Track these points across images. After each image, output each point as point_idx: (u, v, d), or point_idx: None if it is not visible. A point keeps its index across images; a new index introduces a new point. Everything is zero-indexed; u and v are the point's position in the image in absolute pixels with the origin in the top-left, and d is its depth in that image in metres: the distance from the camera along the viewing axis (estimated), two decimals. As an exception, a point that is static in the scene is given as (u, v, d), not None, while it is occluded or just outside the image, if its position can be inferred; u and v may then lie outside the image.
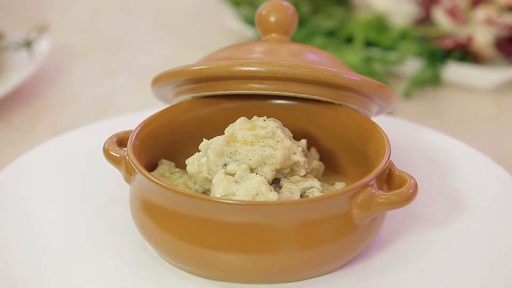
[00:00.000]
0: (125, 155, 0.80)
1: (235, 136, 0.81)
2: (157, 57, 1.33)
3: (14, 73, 1.17)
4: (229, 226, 0.73)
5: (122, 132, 0.84)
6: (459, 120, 1.16)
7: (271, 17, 0.88)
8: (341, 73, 0.81)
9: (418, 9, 1.31)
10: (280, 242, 0.73)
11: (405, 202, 0.75)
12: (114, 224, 0.83)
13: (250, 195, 0.76)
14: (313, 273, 0.76)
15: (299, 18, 1.32)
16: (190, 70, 0.83)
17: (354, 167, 0.86)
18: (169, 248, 0.76)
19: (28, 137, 1.10)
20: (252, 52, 0.85)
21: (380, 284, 0.76)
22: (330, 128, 0.87)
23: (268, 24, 0.89)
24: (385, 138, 0.81)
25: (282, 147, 0.79)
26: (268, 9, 0.89)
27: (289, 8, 0.89)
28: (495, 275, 0.77)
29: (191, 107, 0.87)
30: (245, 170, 0.77)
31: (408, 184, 0.75)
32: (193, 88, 0.85)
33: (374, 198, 0.75)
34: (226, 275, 0.76)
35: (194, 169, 0.80)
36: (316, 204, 0.74)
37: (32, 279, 0.77)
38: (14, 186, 0.88)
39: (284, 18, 0.89)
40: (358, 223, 0.75)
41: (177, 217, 0.75)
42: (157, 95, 0.90)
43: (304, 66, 0.81)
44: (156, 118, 0.85)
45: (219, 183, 0.77)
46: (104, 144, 0.82)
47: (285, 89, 0.82)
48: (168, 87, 0.87)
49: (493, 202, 0.86)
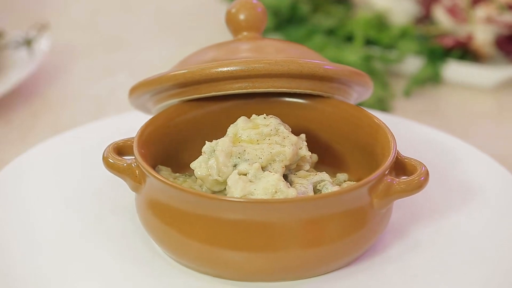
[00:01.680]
0: (132, 164, 0.79)
1: (239, 136, 0.80)
2: (157, 56, 1.33)
3: (14, 72, 1.16)
4: (252, 225, 0.73)
5: (121, 141, 0.83)
6: (459, 119, 1.16)
7: (241, 15, 0.88)
8: (323, 65, 0.82)
9: (418, 7, 1.30)
10: (306, 238, 0.74)
11: (418, 189, 0.77)
12: (116, 222, 0.83)
13: (269, 193, 0.76)
14: (333, 267, 0.77)
15: (299, 16, 1.32)
16: (167, 77, 0.83)
17: (351, 158, 0.87)
18: (181, 249, 0.76)
19: (28, 136, 1.10)
20: (230, 52, 0.85)
21: (398, 271, 0.78)
22: (320, 121, 0.87)
23: (239, 23, 0.89)
24: (384, 126, 0.82)
25: (289, 143, 0.79)
26: (237, 7, 0.89)
27: (259, 6, 0.89)
28: (496, 274, 0.77)
29: (181, 111, 0.86)
30: (258, 169, 0.77)
31: (420, 171, 0.77)
32: (176, 93, 0.84)
33: (392, 186, 0.77)
34: (254, 275, 0.76)
35: (203, 172, 0.79)
36: (342, 197, 0.74)
37: (32, 278, 0.77)
38: (14, 185, 0.88)
39: (254, 15, 0.89)
40: (377, 212, 0.77)
41: (199, 220, 0.74)
42: (135, 104, 0.89)
43: (288, 61, 0.81)
44: (150, 124, 0.84)
45: (235, 184, 0.76)
46: (104, 155, 0.81)
47: (270, 86, 0.82)
48: (146, 96, 0.86)
49: (493, 201, 0.86)
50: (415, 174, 0.77)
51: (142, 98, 0.87)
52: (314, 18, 1.33)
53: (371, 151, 0.84)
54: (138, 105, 0.90)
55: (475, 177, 0.89)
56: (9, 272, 0.77)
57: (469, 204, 0.85)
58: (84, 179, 0.89)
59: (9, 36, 1.25)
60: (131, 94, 0.88)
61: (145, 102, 0.88)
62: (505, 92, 1.21)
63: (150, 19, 1.46)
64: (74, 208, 0.85)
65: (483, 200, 0.86)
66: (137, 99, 0.88)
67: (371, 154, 0.84)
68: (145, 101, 0.88)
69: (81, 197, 0.87)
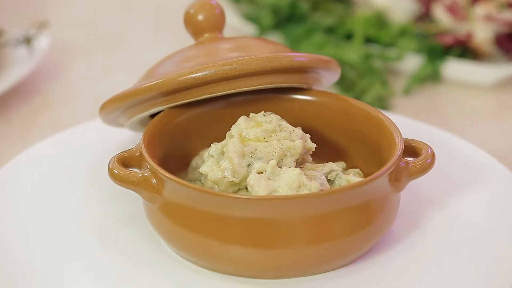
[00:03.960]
0: (146, 174, 0.77)
1: (245, 135, 0.80)
2: (157, 54, 1.33)
3: (14, 70, 1.16)
4: (276, 222, 0.73)
5: (125, 152, 0.81)
6: (459, 117, 1.16)
7: (200, 16, 0.88)
8: (294, 57, 0.82)
9: (418, 5, 1.30)
10: (342, 228, 0.75)
11: (430, 168, 0.80)
12: (117, 220, 0.83)
13: (294, 188, 0.76)
14: (358, 254, 0.78)
15: (299, 14, 1.32)
16: (136, 91, 0.82)
17: (344, 147, 0.88)
18: (214, 254, 0.76)
19: (28, 134, 1.10)
20: (210, 54, 0.84)
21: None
22: (310, 113, 0.88)
23: (199, 25, 0.88)
24: (370, 109, 0.84)
25: (297, 137, 0.80)
26: (196, 8, 0.89)
27: (217, 7, 0.89)
28: (490, 274, 0.77)
29: (174, 115, 0.85)
30: (275, 166, 0.77)
31: (426, 151, 0.80)
32: (162, 101, 0.83)
33: (408, 168, 0.79)
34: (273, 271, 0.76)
35: (217, 175, 0.78)
36: (371, 185, 0.75)
37: (32, 278, 0.77)
38: (14, 183, 0.88)
39: (213, 16, 0.88)
40: (396, 196, 0.79)
41: (237, 223, 0.74)
42: (106, 121, 0.89)
43: (259, 59, 0.81)
44: (151, 133, 0.83)
45: (258, 183, 0.76)
46: (113, 170, 0.78)
47: (249, 84, 0.82)
48: (117, 112, 0.86)
49: (493, 199, 0.86)
50: (423, 153, 0.80)
51: (113, 114, 0.86)
52: (313, 16, 1.33)
53: (363, 139, 0.85)
54: (109, 121, 0.89)
55: (474, 175, 0.89)
56: (10, 271, 0.77)
57: (468, 202, 0.85)
58: (84, 178, 0.89)
59: (9, 34, 1.24)
60: (102, 111, 0.86)
61: (116, 118, 0.87)
62: (505, 90, 1.21)
63: (150, 18, 1.46)
64: (75, 205, 0.85)
65: (482, 198, 0.86)
66: (108, 115, 0.87)
67: (363, 141, 0.85)
68: (117, 116, 0.87)
69: (81, 196, 0.87)
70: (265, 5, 1.33)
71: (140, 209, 0.83)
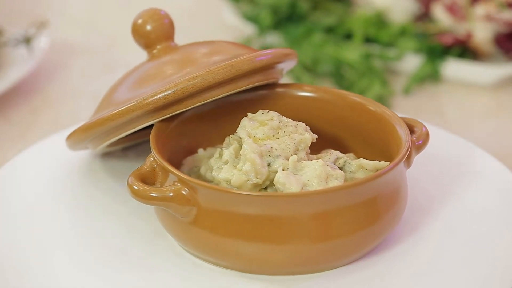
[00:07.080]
0: (178, 189, 0.75)
1: (254, 135, 0.80)
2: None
3: (13, 69, 1.17)
4: (305, 217, 0.73)
5: (143, 168, 0.78)
6: (458, 116, 1.16)
7: (148, 26, 0.87)
8: (256, 56, 0.81)
9: (418, 5, 1.31)
10: (367, 216, 0.76)
11: (427, 143, 0.82)
12: (118, 219, 0.83)
13: (322, 179, 0.76)
14: (376, 242, 0.78)
15: (299, 14, 1.32)
16: (102, 119, 0.80)
17: (335, 137, 0.88)
18: (214, 250, 0.75)
19: (28, 133, 1.10)
20: (166, 73, 0.83)
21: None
22: (302, 107, 0.88)
23: (149, 37, 0.87)
24: (359, 98, 0.86)
25: (302, 130, 0.80)
26: (144, 18, 0.88)
27: (166, 17, 0.88)
28: (488, 274, 0.77)
29: (165, 127, 0.83)
30: (295, 161, 0.77)
31: (421, 127, 0.82)
32: (122, 130, 0.82)
33: (414, 145, 0.81)
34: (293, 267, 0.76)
35: (240, 179, 0.76)
36: (394, 171, 0.76)
37: (32, 278, 0.77)
38: (14, 182, 0.88)
39: (162, 25, 0.88)
40: (406, 174, 0.80)
41: (283, 223, 0.74)
42: (74, 148, 0.87)
43: (220, 68, 0.79)
44: (157, 148, 0.80)
45: (286, 180, 0.75)
46: (139, 193, 0.74)
47: (214, 95, 0.81)
48: (87, 141, 0.84)
49: (493, 198, 0.86)
50: (418, 129, 0.82)
51: (84, 142, 0.85)
52: (313, 16, 1.33)
53: (360, 129, 0.86)
54: (78, 148, 0.87)
55: (474, 175, 0.89)
56: (10, 271, 0.77)
57: (468, 202, 0.85)
58: (84, 176, 0.89)
59: (9, 33, 1.25)
60: (68, 140, 0.85)
61: (87, 143, 0.85)
62: (504, 90, 1.22)
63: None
64: (75, 204, 0.85)
65: (482, 198, 0.86)
66: (76, 145, 0.85)
67: (348, 127, 0.87)
68: (88, 142, 0.85)
69: (81, 194, 0.87)
70: (265, 5, 1.33)
71: (145, 206, 0.81)
